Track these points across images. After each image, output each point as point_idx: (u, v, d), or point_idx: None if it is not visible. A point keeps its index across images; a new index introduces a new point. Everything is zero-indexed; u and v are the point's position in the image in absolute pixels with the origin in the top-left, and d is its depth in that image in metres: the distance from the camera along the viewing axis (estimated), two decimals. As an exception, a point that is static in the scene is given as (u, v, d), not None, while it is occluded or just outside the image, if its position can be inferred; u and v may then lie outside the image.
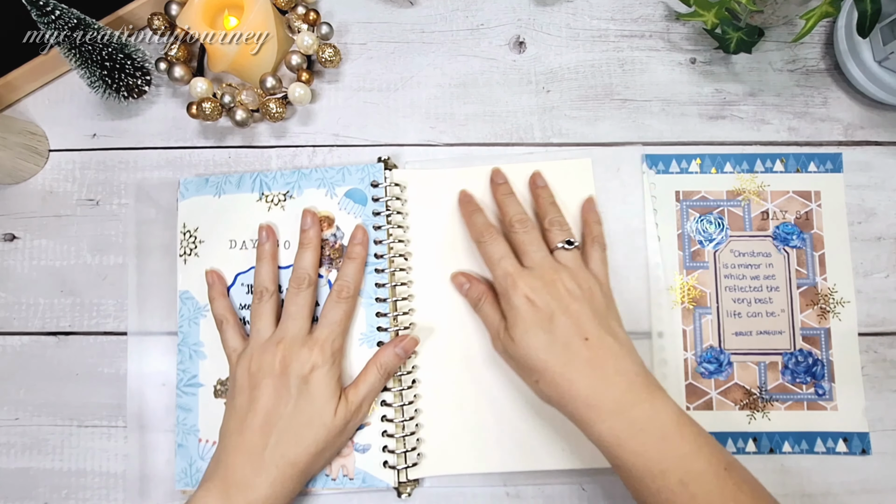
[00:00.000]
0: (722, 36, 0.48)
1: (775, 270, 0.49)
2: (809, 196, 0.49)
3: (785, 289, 0.48)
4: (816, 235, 0.49)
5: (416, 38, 0.54)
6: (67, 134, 0.53)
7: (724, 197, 0.50)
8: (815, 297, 0.48)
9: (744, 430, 0.47)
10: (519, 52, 0.53)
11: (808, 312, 0.48)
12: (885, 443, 0.47)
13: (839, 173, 0.50)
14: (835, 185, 0.50)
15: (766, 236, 0.49)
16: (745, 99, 0.51)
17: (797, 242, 0.49)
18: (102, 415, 0.50)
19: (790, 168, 0.50)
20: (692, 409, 0.48)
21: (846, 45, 0.49)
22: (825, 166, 0.50)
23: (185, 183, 0.50)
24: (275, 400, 0.42)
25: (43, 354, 0.51)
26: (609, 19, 0.53)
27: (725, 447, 0.46)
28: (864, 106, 0.51)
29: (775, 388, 0.47)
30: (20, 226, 0.52)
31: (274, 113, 0.50)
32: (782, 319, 0.48)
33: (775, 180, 0.50)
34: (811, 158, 0.50)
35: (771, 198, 0.50)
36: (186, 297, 0.49)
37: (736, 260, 0.49)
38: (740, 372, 0.48)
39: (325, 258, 0.48)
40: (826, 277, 0.48)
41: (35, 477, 0.49)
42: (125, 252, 0.51)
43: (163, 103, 0.54)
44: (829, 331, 0.48)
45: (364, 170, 0.49)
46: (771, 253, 0.49)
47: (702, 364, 0.48)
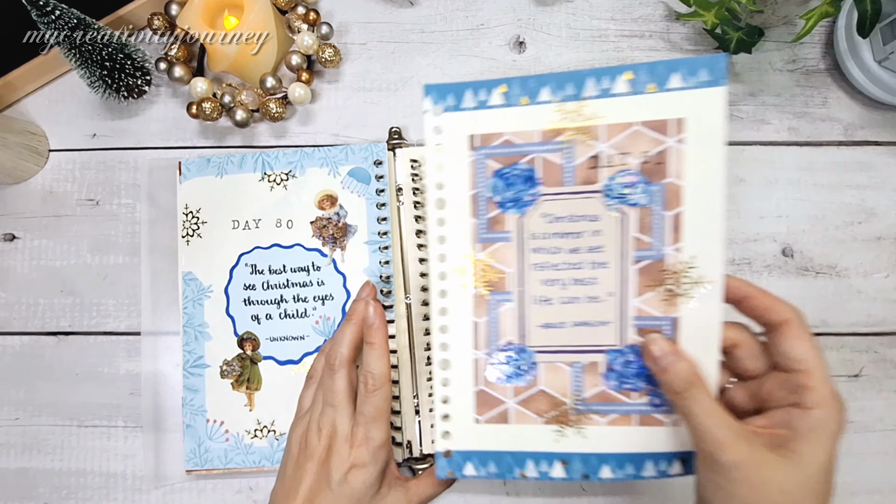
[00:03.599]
0: (722, 36, 0.48)
1: (604, 240, 0.36)
2: (665, 127, 0.34)
3: (616, 264, 0.36)
4: (671, 187, 0.34)
5: (416, 38, 0.54)
6: (67, 134, 0.53)
7: (538, 139, 0.36)
8: (661, 276, 0.35)
9: (549, 449, 0.37)
10: (519, 52, 0.53)
11: (648, 296, 0.35)
12: (886, 443, 0.47)
13: (719, 86, 0.33)
14: (710, 106, 0.33)
15: (595, 192, 0.35)
16: (745, 99, 0.51)
17: (639, 198, 0.35)
18: (102, 415, 0.50)
19: (639, 86, 0.34)
20: (483, 421, 0.38)
21: (846, 45, 0.49)
22: (696, 78, 0.33)
23: (186, 163, 0.50)
24: (316, 488, 0.39)
25: (43, 354, 0.51)
26: (609, 19, 0.53)
27: (524, 470, 0.38)
28: (864, 106, 0.51)
29: (594, 396, 0.37)
30: (20, 226, 0.52)
31: (274, 113, 0.50)
32: (609, 306, 0.36)
33: (615, 108, 0.35)
34: (674, 68, 0.34)
35: (607, 134, 0.35)
36: (190, 278, 0.49)
37: (549, 228, 0.36)
38: (547, 375, 0.37)
39: (328, 237, 0.48)
40: (680, 248, 0.34)
41: (35, 477, 0.49)
42: (133, 251, 0.51)
43: (163, 103, 0.54)
44: (676, 321, 0.35)
45: (367, 149, 0.49)
46: (600, 215, 0.36)
47: (497, 366, 0.38)
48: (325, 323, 0.48)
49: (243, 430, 0.47)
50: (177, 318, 0.49)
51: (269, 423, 0.47)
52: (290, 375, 0.48)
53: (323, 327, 0.48)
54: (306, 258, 0.48)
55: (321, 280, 0.48)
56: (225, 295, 0.49)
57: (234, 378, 0.48)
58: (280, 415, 0.47)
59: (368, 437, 0.39)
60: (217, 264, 0.49)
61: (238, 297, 0.49)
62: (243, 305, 0.48)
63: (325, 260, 0.48)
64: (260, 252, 0.49)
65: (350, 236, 0.48)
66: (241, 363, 0.48)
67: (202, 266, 0.49)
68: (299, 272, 0.48)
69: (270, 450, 0.47)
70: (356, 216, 0.49)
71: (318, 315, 0.48)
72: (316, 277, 0.48)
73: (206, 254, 0.49)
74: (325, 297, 0.48)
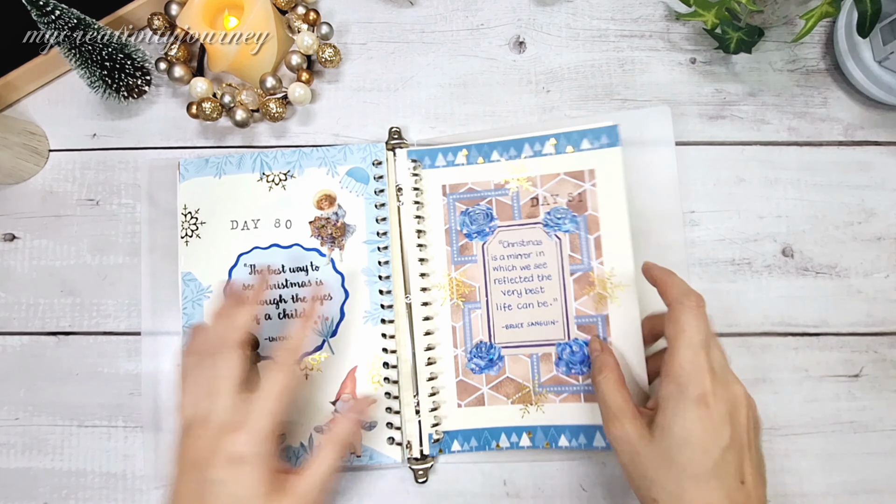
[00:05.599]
0: (722, 36, 0.48)
1: (546, 258, 0.46)
2: (583, 175, 0.46)
3: (557, 276, 0.46)
4: (591, 217, 0.46)
5: (416, 38, 0.54)
6: (67, 134, 0.53)
7: (492, 187, 0.48)
8: (591, 283, 0.45)
9: (517, 424, 0.46)
10: (519, 52, 0.53)
11: (583, 300, 0.46)
12: (886, 443, 0.47)
13: (615, 147, 0.46)
14: (611, 160, 0.46)
15: (536, 223, 0.47)
16: (745, 99, 0.51)
17: (569, 227, 0.46)
18: (102, 415, 0.50)
19: (561, 148, 0.47)
20: (464, 405, 0.46)
21: (846, 45, 0.49)
22: (600, 141, 0.46)
23: (184, 164, 0.50)
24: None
25: (43, 354, 0.51)
26: (609, 19, 0.53)
27: (499, 442, 0.46)
28: (864, 106, 0.51)
29: (549, 380, 0.46)
30: (20, 226, 0.52)
31: (274, 113, 0.50)
32: (555, 309, 0.46)
33: (545, 164, 0.47)
34: (584, 136, 0.47)
35: (541, 182, 0.47)
36: (189, 278, 0.49)
37: (504, 251, 0.47)
38: (512, 365, 0.46)
39: (326, 237, 0.48)
40: (602, 261, 0.45)
41: (35, 477, 0.49)
42: (133, 251, 0.51)
43: (163, 103, 0.54)
44: (606, 317, 0.45)
45: (366, 149, 0.49)
46: (542, 240, 0.47)
47: (472, 360, 0.47)
48: (322, 323, 0.48)
49: None
50: (177, 319, 0.49)
51: None
52: None
53: (321, 327, 0.48)
54: (305, 258, 0.48)
55: (319, 280, 0.48)
56: (224, 296, 0.49)
57: None
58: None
59: (263, 418, 0.36)
60: (216, 265, 0.49)
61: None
62: None
63: (323, 259, 0.48)
64: (259, 252, 0.49)
65: (349, 236, 0.48)
66: None
67: (201, 267, 0.49)
68: (298, 272, 0.48)
69: None
70: (355, 216, 0.49)
71: (317, 315, 0.48)
72: (315, 277, 0.48)
73: (205, 254, 0.49)
74: (323, 297, 0.48)
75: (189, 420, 0.37)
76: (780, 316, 0.49)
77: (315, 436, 0.46)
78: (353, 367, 0.47)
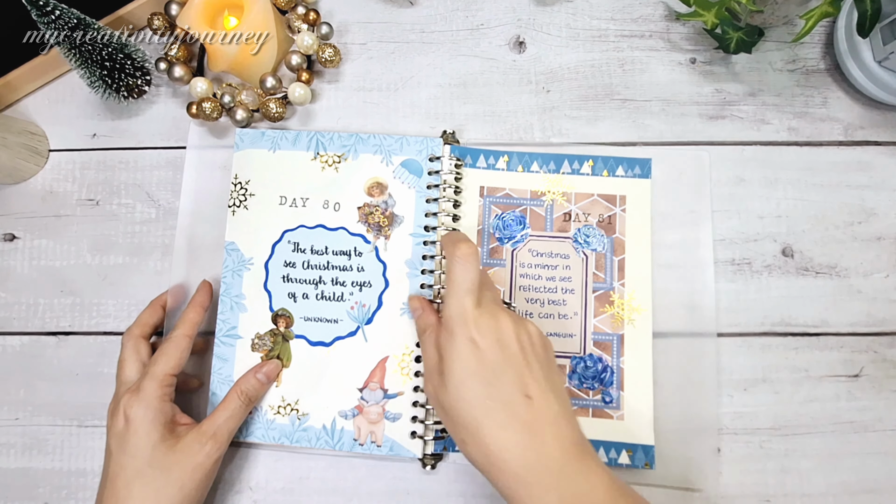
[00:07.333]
0: (722, 36, 0.48)
1: (572, 273, 0.48)
2: (614, 200, 0.49)
3: (581, 292, 0.48)
4: (618, 240, 0.48)
5: (416, 38, 0.54)
6: (67, 134, 0.53)
7: (528, 196, 0.49)
8: (611, 303, 0.48)
9: None
10: (519, 52, 0.53)
11: (602, 317, 0.47)
12: (886, 443, 0.47)
13: (647, 179, 0.49)
14: (641, 190, 0.49)
15: (567, 238, 0.49)
16: (745, 99, 0.51)
17: (597, 246, 0.48)
18: (102, 415, 0.49)
19: (598, 171, 0.49)
20: None
21: (846, 45, 0.49)
22: (633, 171, 0.49)
23: (240, 133, 0.50)
24: (115, 469, 0.41)
25: (43, 354, 0.51)
26: (609, 19, 0.53)
27: None
28: (864, 106, 0.51)
29: None
30: (20, 226, 0.52)
31: (274, 113, 0.50)
32: (575, 322, 0.48)
33: (581, 182, 0.49)
34: (620, 162, 0.50)
35: (575, 199, 0.49)
36: (232, 248, 0.49)
37: (533, 260, 0.49)
38: None
39: (373, 224, 0.48)
40: (624, 283, 0.48)
41: (35, 477, 0.49)
42: (134, 251, 0.51)
43: (163, 103, 0.54)
44: (622, 337, 0.47)
45: (423, 142, 0.49)
46: (570, 255, 0.48)
47: None
48: (359, 309, 0.48)
49: (267, 405, 0.47)
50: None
51: (294, 402, 0.47)
52: (320, 357, 0.47)
53: (357, 313, 0.48)
54: (349, 242, 0.49)
55: (361, 266, 0.48)
56: (265, 269, 0.48)
57: (265, 353, 0.48)
58: (304, 395, 0.47)
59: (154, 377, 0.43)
60: (260, 238, 0.49)
61: (277, 272, 0.48)
62: (281, 282, 0.48)
63: (368, 246, 0.48)
64: (304, 231, 0.49)
65: (396, 226, 0.49)
66: (272, 339, 0.48)
67: (246, 237, 0.49)
68: (341, 255, 0.48)
69: (291, 428, 0.47)
70: (404, 207, 0.49)
71: (354, 301, 0.48)
72: (357, 263, 0.48)
73: (251, 226, 0.49)
74: (363, 284, 0.48)
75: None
76: (780, 316, 0.49)
77: (338, 420, 0.46)
78: (385, 357, 0.47)
